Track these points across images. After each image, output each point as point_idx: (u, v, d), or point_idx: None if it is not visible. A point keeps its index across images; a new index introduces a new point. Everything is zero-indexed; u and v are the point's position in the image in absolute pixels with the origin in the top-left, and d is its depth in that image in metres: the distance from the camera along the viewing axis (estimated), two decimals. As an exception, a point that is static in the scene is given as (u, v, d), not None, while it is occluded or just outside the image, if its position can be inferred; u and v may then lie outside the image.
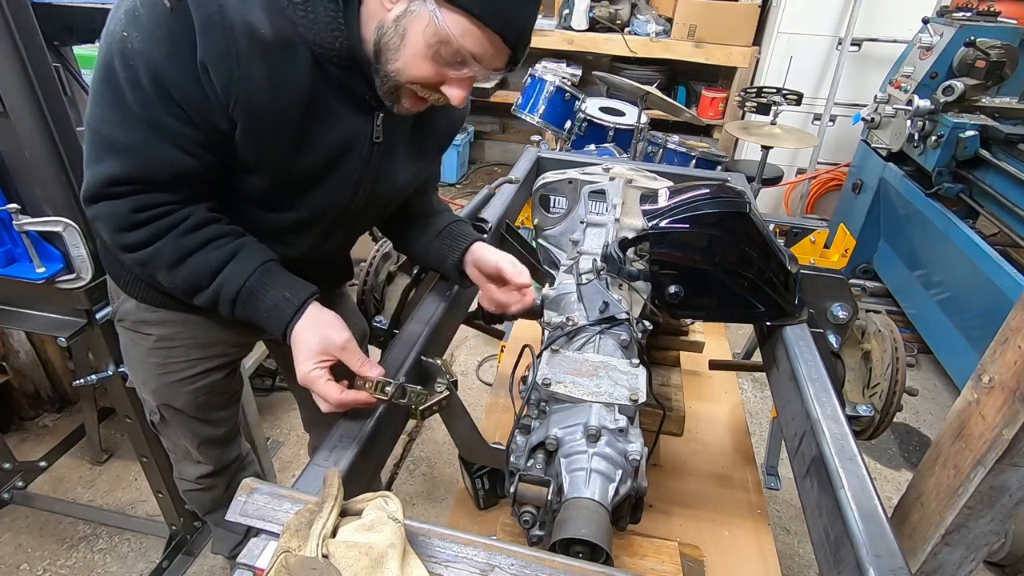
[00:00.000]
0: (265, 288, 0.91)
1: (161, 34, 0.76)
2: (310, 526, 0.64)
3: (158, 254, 0.89)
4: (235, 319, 0.94)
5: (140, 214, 0.86)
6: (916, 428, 2.75)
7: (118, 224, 0.87)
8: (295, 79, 0.85)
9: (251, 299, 0.91)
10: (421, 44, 0.80)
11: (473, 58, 0.81)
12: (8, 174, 1.30)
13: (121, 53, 0.77)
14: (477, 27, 0.79)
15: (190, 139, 0.83)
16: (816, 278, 1.28)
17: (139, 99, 0.79)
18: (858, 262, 3.40)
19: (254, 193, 0.95)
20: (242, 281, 0.90)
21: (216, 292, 0.91)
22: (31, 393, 2.34)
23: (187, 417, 1.25)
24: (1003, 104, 2.76)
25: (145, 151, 0.82)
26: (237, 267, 0.91)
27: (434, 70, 0.83)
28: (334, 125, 0.92)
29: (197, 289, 0.92)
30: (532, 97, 2.93)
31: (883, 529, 0.78)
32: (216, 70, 0.78)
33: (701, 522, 1.38)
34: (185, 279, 0.91)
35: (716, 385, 1.88)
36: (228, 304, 0.92)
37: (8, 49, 1.15)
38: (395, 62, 0.83)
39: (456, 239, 1.18)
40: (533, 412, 1.01)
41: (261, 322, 0.93)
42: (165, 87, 0.78)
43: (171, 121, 0.81)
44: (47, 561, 1.90)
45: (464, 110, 1.14)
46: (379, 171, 1.01)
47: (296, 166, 0.92)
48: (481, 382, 2.82)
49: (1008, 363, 0.86)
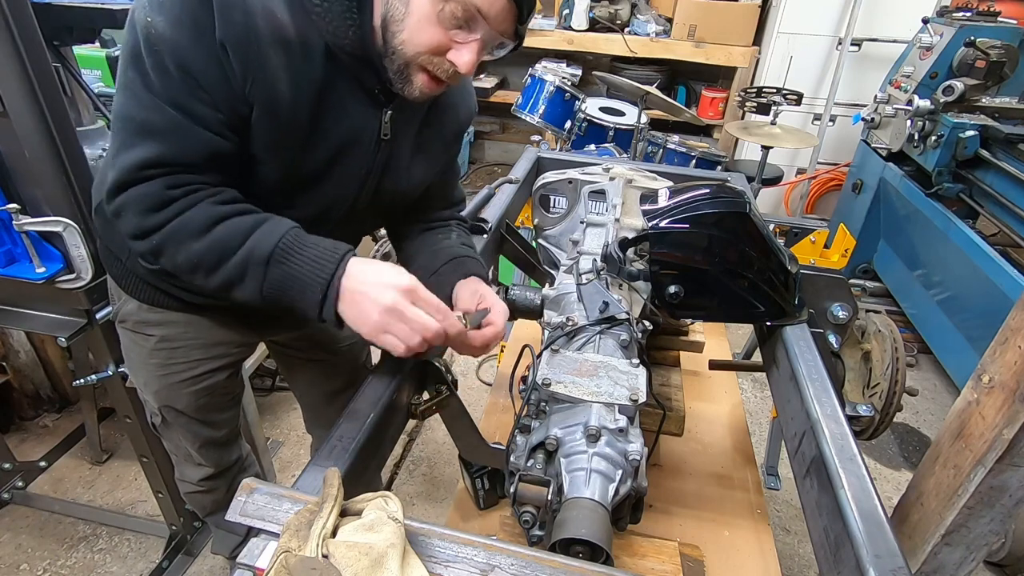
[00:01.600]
0: (303, 242, 0.85)
1: (185, 18, 0.76)
2: (310, 526, 0.64)
3: (187, 223, 0.83)
4: (261, 291, 0.85)
5: (175, 190, 0.83)
6: (916, 428, 2.75)
7: (150, 204, 0.83)
8: (309, 69, 0.85)
9: (288, 255, 0.84)
10: (427, 6, 0.80)
11: (479, 13, 0.81)
12: (8, 174, 1.30)
13: (146, 39, 0.77)
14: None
15: (219, 122, 0.83)
16: (816, 278, 1.28)
17: (167, 84, 0.79)
18: (858, 262, 3.40)
19: (262, 188, 0.94)
20: (278, 237, 0.84)
21: (247, 254, 0.84)
22: (31, 393, 2.34)
23: (188, 419, 1.25)
24: (1003, 104, 2.76)
25: (181, 133, 0.81)
26: (271, 226, 0.86)
27: (440, 34, 0.82)
28: (343, 118, 0.92)
29: (223, 255, 0.84)
30: (532, 97, 2.93)
31: (883, 529, 0.78)
32: (235, 50, 0.78)
33: (701, 522, 1.38)
34: (212, 244, 0.84)
35: (716, 385, 1.88)
36: (260, 265, 0.84)
37: (8, 49, 1.15)
38: (401, 33, 0.83)
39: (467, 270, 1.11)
40: (533, 412, 1.01)
41: (296, 280, 0.84)
42: (191, 71, 0.78)
43: (199, 105, 0.81)
44: (47, 561, 1.90)
45: (470, 109, 1.14)
46: (385, 168, 1.01)
47: (305, 158, 0.92)
48: (481, 382, 2.82)
49: (1008, 363, 0.86)
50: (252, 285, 0.85)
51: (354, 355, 1.45)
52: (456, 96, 1.08)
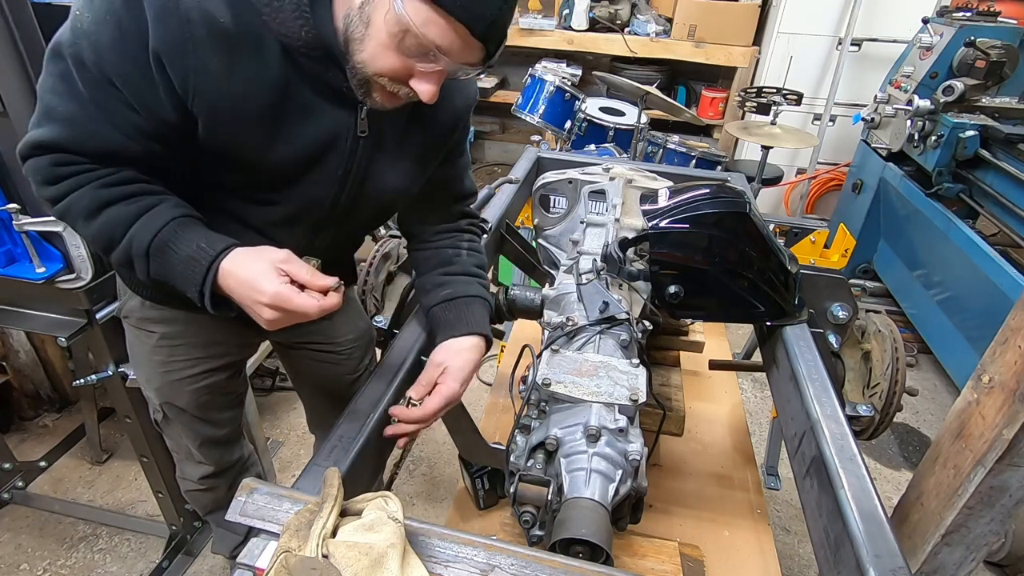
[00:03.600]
0: (178, 239, 0.83)
1: (110, 19, 0.75)
2: (310, 526, 0.64)
3: (75, 203, 0.83)
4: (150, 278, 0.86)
5: (61, 168, 0.83)
6: (916, 428, 2.75)
7: (42, 178, 0.84)
8: (262, 72, 0.82)
9: (163, 251, 0.83)
10: (384, 34, 0.76)
11: (439, 50, 0.76)
12: (8, 174, 1.30)
13: (71, 30, 0.77)
14: (440, 15, 0.73)
15: (130, 123, 0.81)
16: (816, 278, 1.28)
17: (82, 77, 0.78)
18: (858, 262, 3.40)
19: (234, 186, 0.92)
20: (154, 232, 0.83)
21: (128, 245, 0.84)
22: (31, 393, 2.34)
23: (189, 416, 1.25)
24: (1003, 104, 2.76)
25: (82, 124, 0.80)
26: (150, 220, 0.83)
27: (400, 62, 0.78)
28: (312, 119, 0.89)
29: (111, 243, 0.85)
30: (532, 97, 2.93)
31: (883, 529, 0.78)
32: (170, 61, 0.76)
33: (701, 522, 1.38)
34: (99, 230, 0.84)
35: (716, 385, 1.88)
36: (142, 259, 0.84)
37: (8, 49, 1.15)
38: (361, 52, 0.79)
39: (456, 324, 1.08)
40: (533, 412, 1.01)
41: (176, 279, 0.84)
42: (107, 72, 0.77)
43: (112, 102, 0.79)
44: (47, 561, 1.90)
45: (469, 96, 1.07)
46: (368, 167, 0.97)
47: (270, 161, 0.89)
48: (481, 382, 2.82)
49: (1008, 363, 0.86)
50: (140, 271, 0.86)
51: (358, 354, 1.45)
52: (450, 85, 0.97)
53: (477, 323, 1.09)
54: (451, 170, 1.14)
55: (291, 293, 0.80)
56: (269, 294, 0.79)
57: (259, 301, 0.80)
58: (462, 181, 1.19)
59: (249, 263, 0.82)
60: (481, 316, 1.10)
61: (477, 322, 1.09)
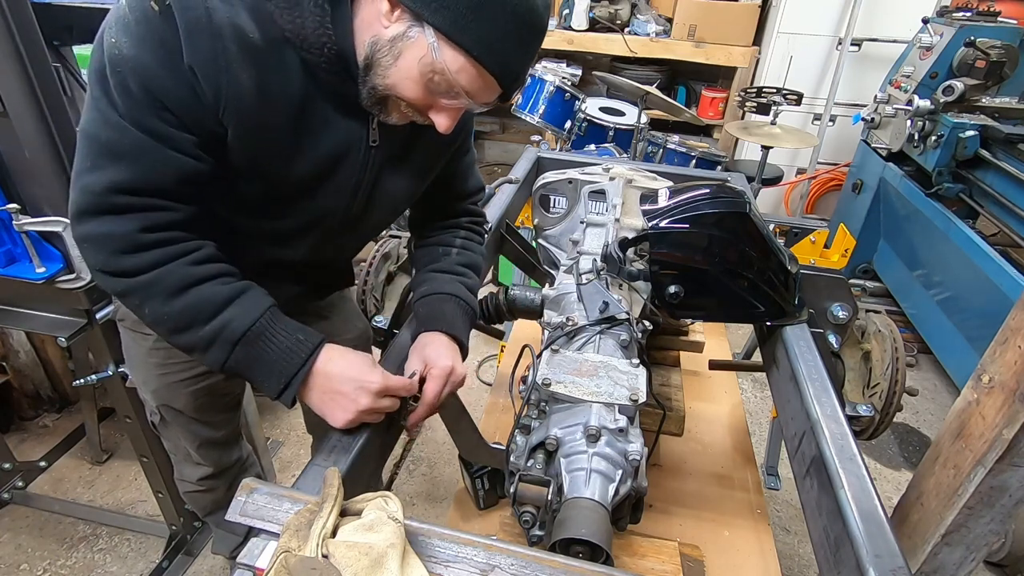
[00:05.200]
0: (275, 328, 0.87)
1: (149, 39, 0.75)
2: (310, 526, 0.64)
3: (161, 279, 0.82)
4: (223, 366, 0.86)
5: (149, 235, 0.81)
6: (916, 428, 2.75)
7: (120, 245, 0.81)
8: (286, 85, 0.83)
9: (259, 339, 0.86)
10: (415, 71, 0.79)
11: (466, 93, 0.81)
12: (8, 174, 1.30)
13: (111, 60, 0.76)
14: (474, 67, 0.78)
15: (187, 142, 0.81)
16: (816, 278, 1.28)
17: (131, 105, 0.77)
18: (858, 262, 3.40)
19: (250, 200, 0.93)
20: (253, 319, 0.85)
21: (219, 328, 0.84)
22: (31, 393, 2.34)
23: (187, 418, 1.25)
24: (1003, 104, 2.76)
25: (148, 155, 0.79)
26: (247, 304, 0.86)
27: (424, 95, 0.82)
28: (328, 131, 0.90)
29: (192, 322, 0.84)
30: (532, 97, 2.93)
31: (883, 529, 0.78)
32: (204, 74, 0.77)
33: (701, 522, 1.38)
34: (185, 307, 0.84)
35: (716, 385, 1.88)
36: (228, 344, 0.85)
37: (8, 49, 1.15)
38: (386, 78, 0.82)
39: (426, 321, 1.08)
40: (533, 412, 1.01)
41: (264, 365, 0.87)
42: (155, 93, 0.77)
43: (165, 127, 0.79)
44: (47, 561, 1.90)
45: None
46: (378, 176, 0.99)
47: (291, 173, 0.91)
48: (481, 382, 2.82)
49: (1008, 363, 0.86)
50: (215, 357, 0.86)
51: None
52: None
53: (448, 322, 1.07)
54: (455, 168, 1.15)
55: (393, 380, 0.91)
56: (379, 382, 0.89)
57: (366, 388, 0.88)
58: (466, 179, 1.19)
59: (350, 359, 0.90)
60: (452, 314, 1.08)
61: (448, 321, 1.07)
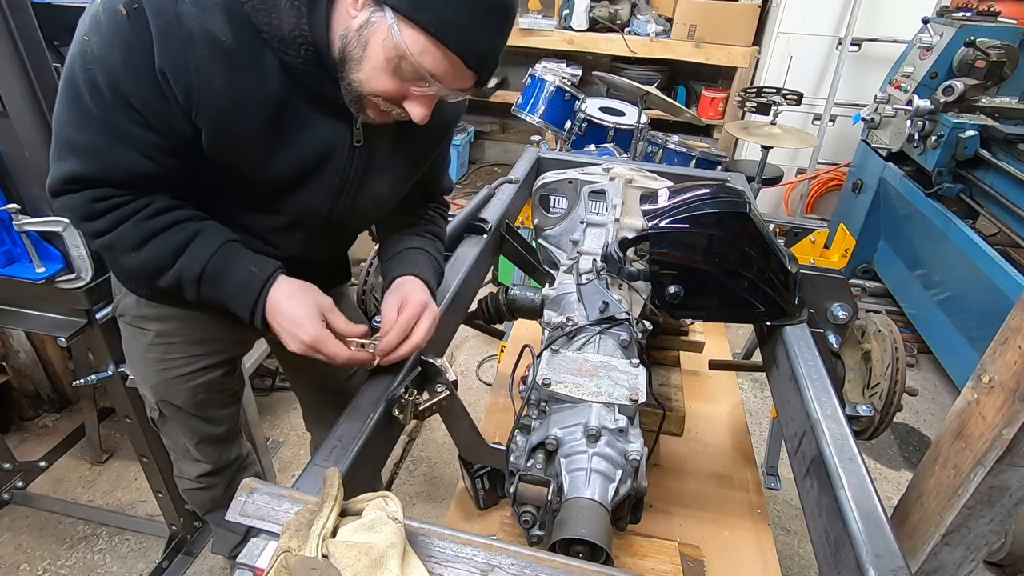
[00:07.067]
0: (229, 266, 0.91)
1: (118, 41, 0.76)
2: (310, 526, 0.64)
3: (120, 239, 0.88)
4: (202, 301, 0.93)
5: (98, 204, 0.86)
6: (916, 428, 2.75)
7: (80, 214, 0.88)
8: (262, 87, 0.84)
9: (216, 278, 0.91)
10: (381, 58, 0.79)
11: (432, 77, 0.79)
12: (8, 174, 1.30)
13: (81, 57, 0.78)
14: (435, 46, 0.77)
15: (150, 143, 0.83)
16: (816, 278, 1.28)
17: (97, 103, 0.79)
18: (858, 262, 3.40)
19: (237, 197, 0.96)
20: (205, 260, 0.90)
21: (179, 273, 0.90)
22: (31, 393, 2.34)
23: (186, 414, 1.25)
24: (1003, 104, 2.76)
25: (104, 154, 0.83)
26: (199, 247, 0.90)
27: (395, 85, 0.81)
28: (309, 131, 0.91)
29: (159, 271, 0.91)
30: (532, 97, 2.93)
31: (883, 529, 0.78)
32: (175, 78, 0.78)
33: (701, 522, 1.38)
34: (147, 261, 0.90)
35: (716, 385, 1.88)
36: (192, 285, 0.91)
37: (8, 49, 1.15)
38: (358, 72, 0.81)
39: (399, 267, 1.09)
40: (533, 412, 1.01)
41: (228, 301, 0.92)
42: (122, 93, 0.78)
43: (130, 126, 0.81)
44: (47, 561, 1.90)
45: (459, 107, 1.10)
46: (363, 175, 1.00)
47: (270, 172, 0.91)
48: (481, 382, 2.82)
49: (1008, 363, 0.86)
50: (190, 295, 0.93)
51: None
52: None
53: (421, 268, 1.08)
54: (434, 172, 1.18)
55: (327, 339, 0.90)
56: (311, 335, 0.89)
57: (299, 338, 0.90)
58: (440, 182, 1.23)
59: (297, 303, 0.91)
60: (424, 264, 1.10)
61: (421, 267, 1.08)
